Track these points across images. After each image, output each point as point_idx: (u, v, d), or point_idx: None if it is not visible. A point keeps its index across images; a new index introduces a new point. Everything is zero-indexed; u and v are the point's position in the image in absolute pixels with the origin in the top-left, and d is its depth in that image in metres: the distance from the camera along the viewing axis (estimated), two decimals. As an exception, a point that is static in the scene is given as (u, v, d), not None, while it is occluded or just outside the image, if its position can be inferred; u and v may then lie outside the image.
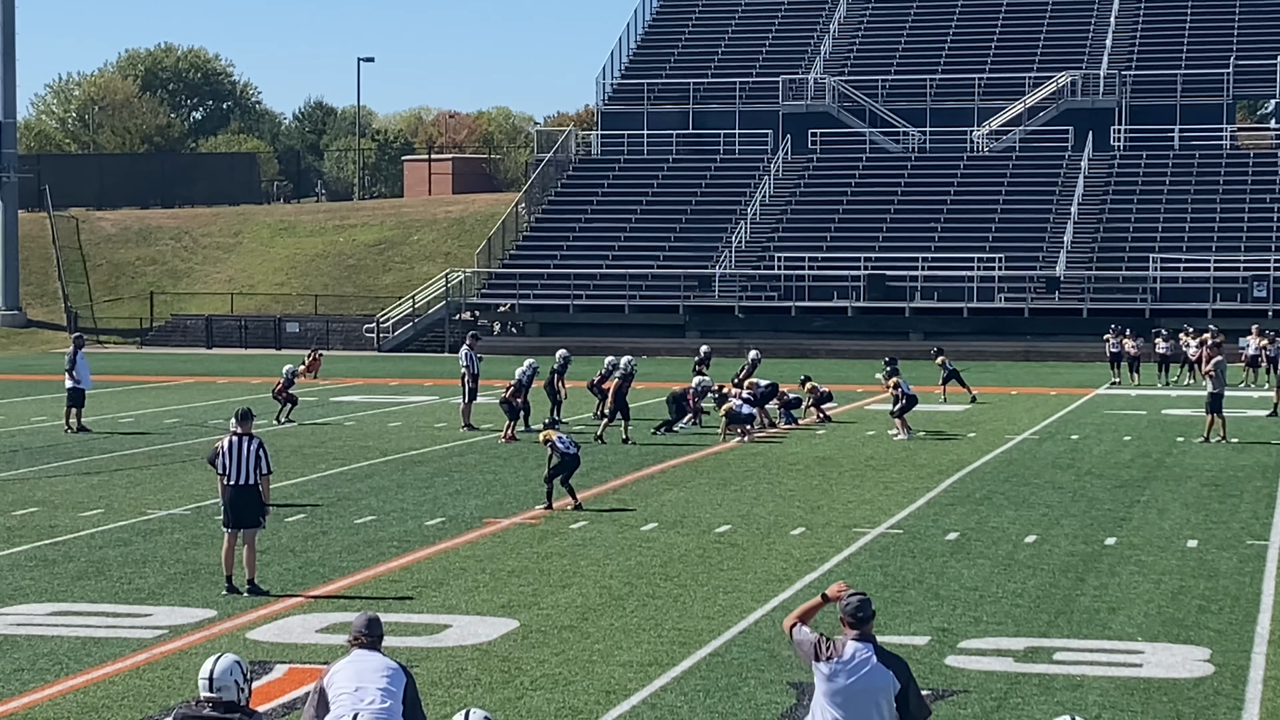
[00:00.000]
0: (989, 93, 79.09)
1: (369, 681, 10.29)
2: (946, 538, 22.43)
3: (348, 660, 10.51)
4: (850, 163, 77.01)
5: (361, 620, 10.71)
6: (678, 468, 30.27)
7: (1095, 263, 67.40)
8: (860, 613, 10.09)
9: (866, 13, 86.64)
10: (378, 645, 10.60)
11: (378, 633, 10.64)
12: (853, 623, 10.09)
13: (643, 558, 20.97)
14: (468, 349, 38.58)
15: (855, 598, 10.17)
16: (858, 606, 10.12)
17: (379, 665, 10.41)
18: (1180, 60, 78.92)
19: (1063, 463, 30.85)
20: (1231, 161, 73.73)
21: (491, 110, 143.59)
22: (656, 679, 15.10)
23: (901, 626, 17.08)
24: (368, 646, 10.56)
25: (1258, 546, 21.77)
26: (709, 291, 69.15)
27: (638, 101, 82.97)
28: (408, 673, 10.48)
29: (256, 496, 18.92)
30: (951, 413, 40.14)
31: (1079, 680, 15.02)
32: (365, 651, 10.54)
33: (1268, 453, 32.54)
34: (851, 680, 9.92)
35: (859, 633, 10.06)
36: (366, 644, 10.57)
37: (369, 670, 10.37)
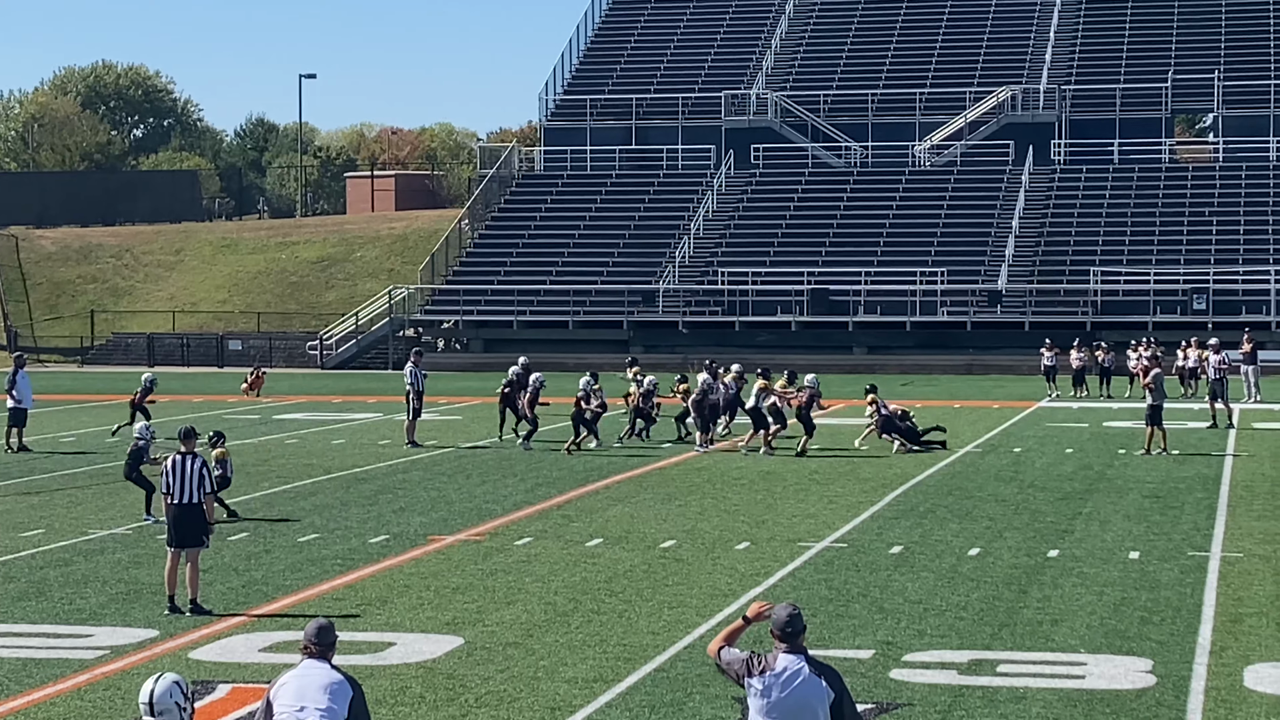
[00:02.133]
0: (930, 107, 79.46)
1: (311, 699, 10.18)
2: (890, 551, 22.49)
3: (294, 673, 10.37)
4: (793, 178, 77.23)
5: (312, 628, 10.51)
6: (622, 483, 30.27)
7: (1037, 276, 67.76)
8: (790, 626, 10.02)
9: (808, 28, 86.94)
10: (328, 654, 10.44)
11: (328, 640, 10.46)
12: (783, 636, 10.02)
13: (588, 573, 20.95)
14: (412, 366, 38.46)
15: (785, 611, 10.08)
16: (788, 620, 10.03)
17: (324, 680, 10.25)
18: (1119, 74, 79.46)
19: (1005, 475, 30.97)
20: (1170, 175, 74.26)
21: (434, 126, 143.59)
22: (601, 695, 15.07)
23: (846, 640, 17.11)
24: (318, 656, 10.40)
25: (1199, 558, 21.90)
26: (653, 307, 69.21)
27: (580, 118, 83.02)
28: (355, 686, 10.35)
29: (200, 515, 18.82)
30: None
31: (1022, 692, 15.07)
32: (313, 663, 10.37)
33: (1208, 464, 32.76)
34: (785, 694, 9.89)
35: (790, 645, 9.98)
36: (316, 653, 10.40)
37: (313, 686, 10.23)
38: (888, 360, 64.53)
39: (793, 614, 10.09)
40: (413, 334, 72.89)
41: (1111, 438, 38.06)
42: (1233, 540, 23.30)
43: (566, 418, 37.02)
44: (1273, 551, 22.31)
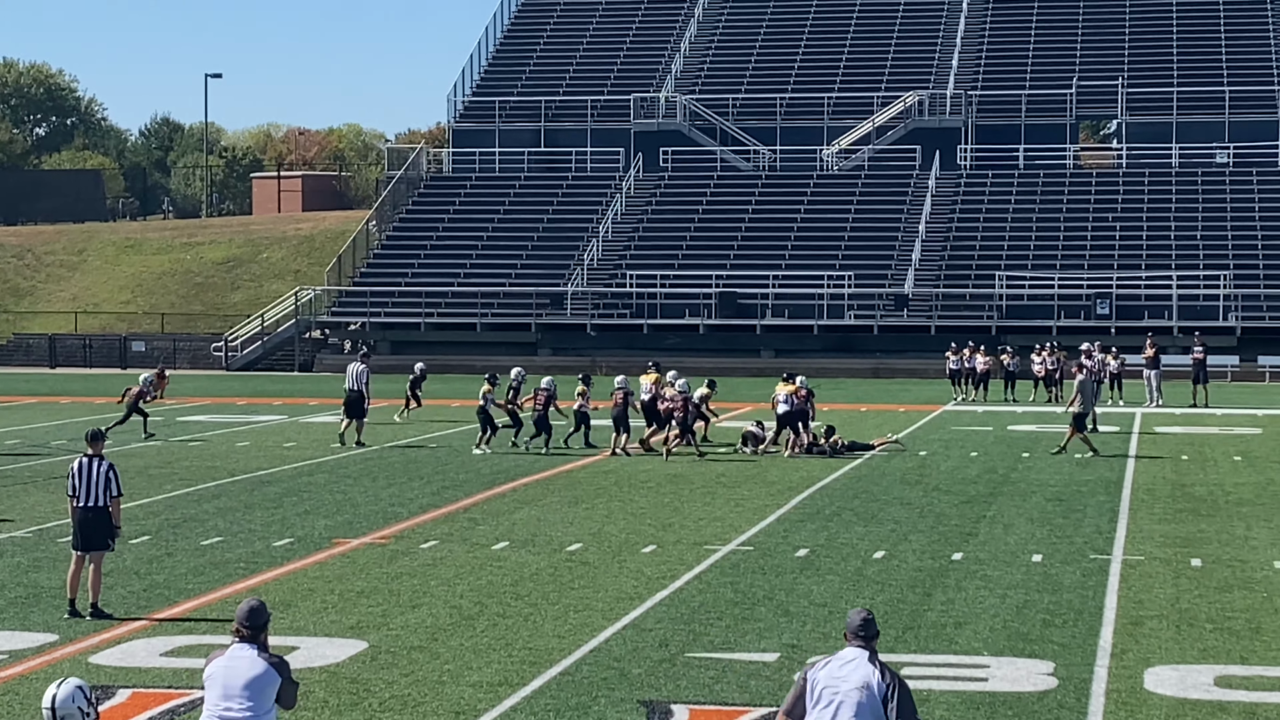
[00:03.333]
0: (838, 111, 79.82)
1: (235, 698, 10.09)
2: (796, 554, 22.55)
3: (222, 662, 10.26)
4: (701, 181, 77.38)
5: (243, 609, 10.38)
6: (529, 486, 30.21)
7: (943, 280, 68.19)
8: (864, 630, 10.21)
9: (717, 32, 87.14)
10: (259, 637, 10.34)
11: (259, 622, 10.32)
12: (854, 637, 10.22)
13: (493, 577, 20.88)
14: (361, 366, 38.67)
15: (859, 616, 10.28)
16: (861, 624, 10.22)
17: (249, 673, 10.13)
18: (1025, 81, 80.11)
19: (911, 479, 31.13)
20: (1075, 180, 74.92)
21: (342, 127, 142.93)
22: (506, 699, 15.03)
23: (751, 643, 17.13)
24: (248, 640, 10.30)
25: (1100, 560, 22.09)
26: (561, 309, 69.17)
27: (489, 119, 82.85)
28: (283, 670, 10.26)
29: (106, 519, 18.61)
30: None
31: (925, 695, 15.13)
32: (241, 649, 10.25)
33: (1110, 468, 33.05)
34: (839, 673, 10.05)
35: (860, 645, 10.16)
36: (247, 636, 10.30)
37: (238, 680, 10.12)
38: (795, 364, 64.47)
39: (866, 618, 10.26)
40: (319, 335, 72.52)
41: (1016, 441, 38.34)
42: (1134, 543, 23.51)
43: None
44: (1173, 555, 22.54)
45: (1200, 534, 24.39)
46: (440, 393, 54.68)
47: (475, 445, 36.13)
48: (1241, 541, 23.76)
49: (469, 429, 41.38)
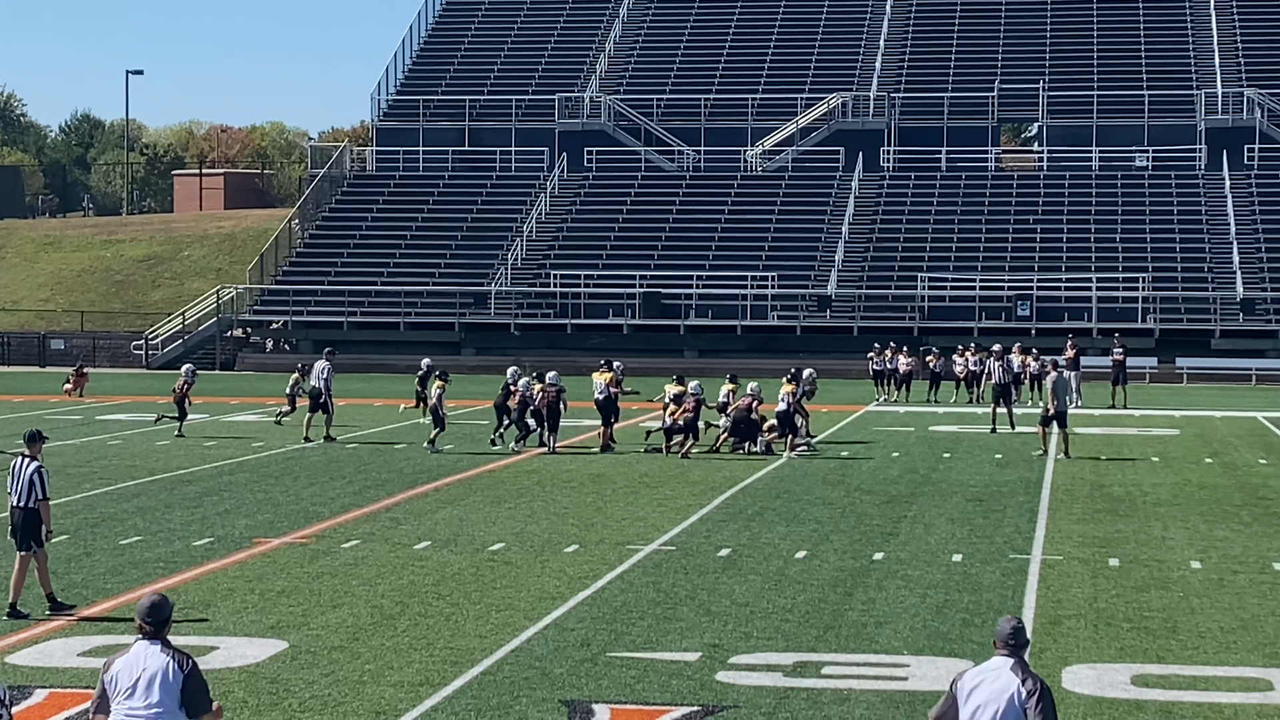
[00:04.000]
0: (762, 113, 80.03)
1: (139, 698, 9.98)
2: (719, 554, 22.59)
3: (124, 662, 10.12)
4: (626, 181, 77.43)
5: (144, 605, 10.22)
6: (451, 485, 30.15)
7: (865, 281, 68.49)
8: (1014, 639, 10.22)
9: (642, 32, 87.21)
10: (162, 632, 10.21)
11: (161, 618, 10.17)
12: (1004, 646, 10.22)
13: (415, 576, 20.82)
14: (325, 364, 38.55)
15: (1009, 624, 10.28)
16: (1011, 633, 10.23)
17: (153, 671, 9.99)
18: (947, 83, 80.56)
19: (833, 479, 31.25)
20: (996, 183, 75.41)
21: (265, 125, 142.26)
22: (428, 699, 14.99)
23: (673, 643, 17.15)
24: (151, 636, 10.17)
25: (1020, 560, 22.23)
26: (485, 309, 69.07)
27: (414, 118, 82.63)
28: (187, 666, 10.13)
29: (36, 519, 18.55)
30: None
31: (846, 694, 15.20)
32: (144, 646, 10.11)
33: (1030, 468, 33.28)
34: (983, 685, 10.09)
35: (1008, 653, 10.18)
36: (150, 633, 10.18)
37: (142, 679, 9.98)
38: (718, 364, 64.76)
39: (1015, 627, 10.29)
40: (241, 334, 72.14)
41: (937, 441, 38.54)
42: (1053, 543, 23.68)
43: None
44: (1091, 555, 22.71)
45: (1118, 534, 24.60)
46: (362, 392, 54.55)
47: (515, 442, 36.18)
48: (1158, 541, 23.97)
49: (391, 429, 41.30)
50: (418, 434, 39.18)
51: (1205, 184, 73.62)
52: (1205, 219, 71.14)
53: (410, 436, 39.03)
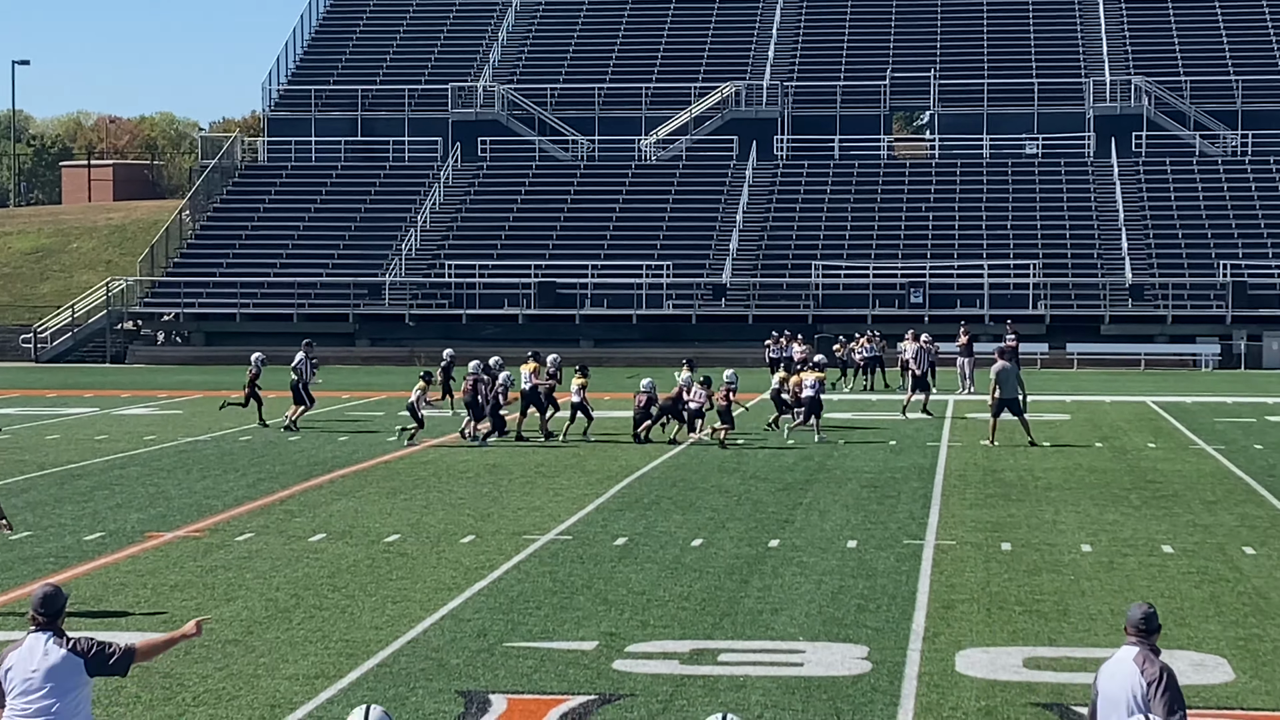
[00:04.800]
0: (656, 102, 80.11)
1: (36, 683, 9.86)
2: (615, 543, 22.62)
3: (18, 655, 9.97)
4: (520, 171, 77.31)
5: (37, 595, 10.07)
6: (347, 477, 30.01)
7: (760, 269, 68.73)
8: (1145, 624, 10.18)
9: (535, 22, 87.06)
10: (55, 623, 10.08)
11: (55, 608, 10.02)
12: (1135, 633, 10.19)
13: (310, 569, 20.72)
14: (303, 355, 38.75)
15: (1140, 610, 10.24)
16: (1142, 619, 10.20)
17: (47, 659, 9.85)
18: (839, 72, 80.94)
19: (728, 467, 31.35)
20: (889, 171, 75.86)
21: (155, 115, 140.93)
22: (323, 691, 14.92)
23: (570, 632, 17.16)
24: (44, 627, 10.03)
25: (914, 546, 22.40)
26: (379, 299, 68.77)
27: (305, 108, 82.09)
28: (83, 653, 9.98)
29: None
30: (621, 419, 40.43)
31: (742, 681, 15.26)
32: (37, 639, 9.97)
33: (924, 454, 33.53)
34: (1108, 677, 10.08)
35: (1138, 641, 10.15)
36: (43, 624, 10.04)
37: (36, 666, 9.86)
38: (614, 353, 64.92)
39: (1147, 613, 10.23)
40: (132, 326, 71.45)
41: (832, 429, 38.71)
42: (946, 528, 23.88)
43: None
44: (984, 539, 22.92)
45: (1010, 518, 24.83)
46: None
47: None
48: (1050, 525, 24.22)
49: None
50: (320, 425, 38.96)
51: (1094, 171, 74.40)
52: (1094, 206, 71.90)
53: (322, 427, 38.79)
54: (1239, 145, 75.57)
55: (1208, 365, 63.44)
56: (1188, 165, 74.14)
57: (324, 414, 42.53)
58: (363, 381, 54.79)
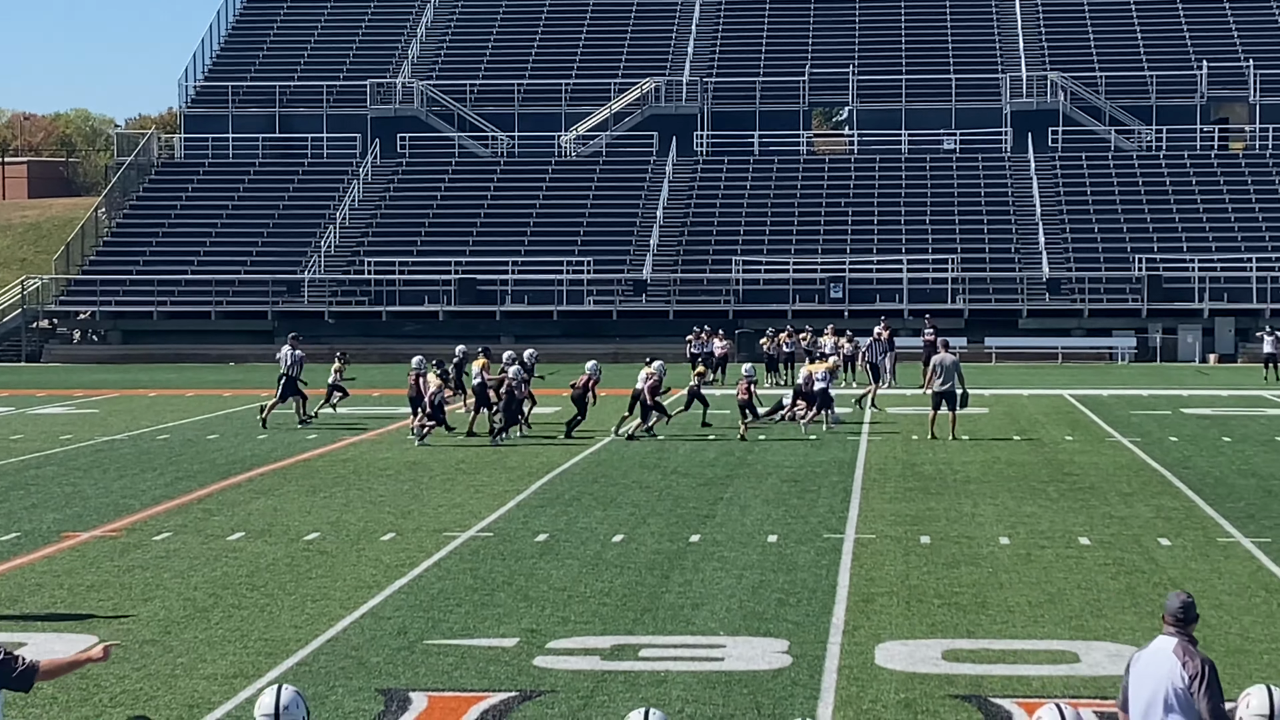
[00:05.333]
0: (576, 98, 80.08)
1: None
2: (536, 539, 22.60)
3: None
4: (440, 167, 77.10)
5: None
6: (266, 475, 29.85)
7: (680, 265, 68.82)
8: (1182, 614, 10.05)
9: (454, 17, 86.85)
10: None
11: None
12: (1173, 622, 10.07)
13: (229, 568, 20.60)
14: (289, 349, 38.91)
15: (1178, 600, 10.10)
16: (1180, 608, 10.07)
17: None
18: (759, 68, 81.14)
19: (650, 462, 31.37)
20: (808, 166, 76.11)
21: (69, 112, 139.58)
22: (242, 690, 14.84)
23: (491, 629, 17.13)
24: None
25: (834, 540, 22.48)
26: (298, 297, 68.43)
27: (222, 105, 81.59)
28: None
29: None
30: (539, 414, 40.39)
31: (663, 676, 15.28)
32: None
33: (844, 448, 33.65)
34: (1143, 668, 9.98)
35: (1176, 631, 10.03)
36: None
37: None
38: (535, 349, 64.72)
39: (1185, 602, 10.10)
40: (47, 325, 70.82)
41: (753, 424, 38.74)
42: (866, 522, 23.98)
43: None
44: (903, 533, 23.03)
45: (929, 512, 24.96)
46: (173, 382, 53.82)
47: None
48: (968, 518, 24.36)
49: (202, 419, 40.79)
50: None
51: (1011, 166, 74.90)
52: (1011, 201, 72.38)
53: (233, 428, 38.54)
54: (1154, 140, 76.26)
55: (1123, 358, 63.99)
56: (1103, 160, 74.76)
57: (242, 412, 42.31)
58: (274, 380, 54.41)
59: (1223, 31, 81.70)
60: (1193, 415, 40.65)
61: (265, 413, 38.34)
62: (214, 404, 44.97)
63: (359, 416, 41.07)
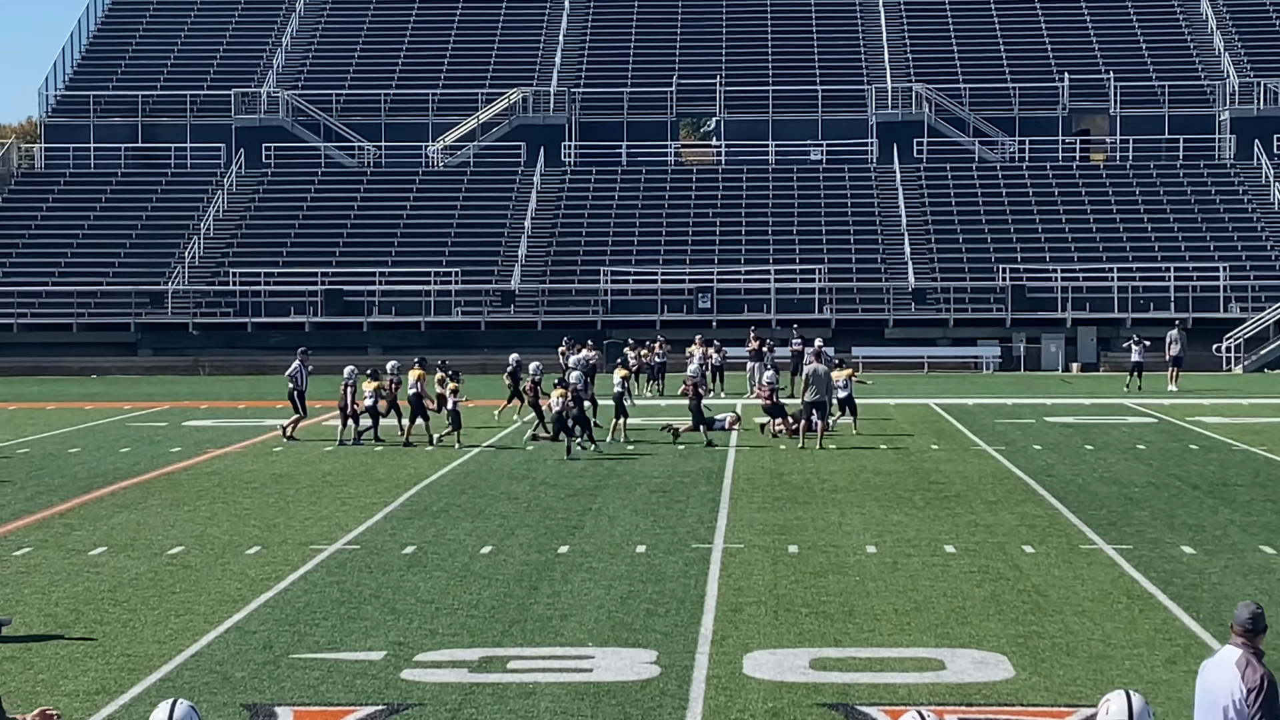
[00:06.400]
0: (443, 108, 79.84)
1: None
2: (403, 551, 22.47)
3: None
4: (306, 177, 76.56)
5: None
6: (129, 489, 29.47)
7: (549, 276, 68.77)
8: (1251, 624, 9.96)
9: (319, 27, 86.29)
10: None
11: None
12: (1241, 633, 9.96)
13: (90, 583, 20.31)
14: (299, 365, 38.46)
15: (1247, 610, 9.97)
16: (1249, 619, 9.96)
17: None
18: (626, 78, 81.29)
19: (518, 474, 31.30)
20: (676, 177, 76.32)
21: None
22: (104, 707, 14.64)
23: (358, 642, 17.01)
24: None
25: (702, 550, 22.53)
26: (162, 308, 67.66)
27: (84, 114, 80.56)
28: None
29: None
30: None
31: (531, 688, 15.24)
32: None
33: (711, 458, 33.74)
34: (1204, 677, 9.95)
35: (1244, 642, 9.93)
36: None
37: None
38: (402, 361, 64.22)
39: (1254, 613, 9.99)
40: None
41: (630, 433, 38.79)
42: (734, 532, 24.05)
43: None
44: (771, 542, 23.12)
45: (797, 521, 25.08)
46: (35, 395, 53.05)
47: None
48: (836, 527, 24.50)
49: (63, 433, 40.21)
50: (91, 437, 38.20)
51: (877, 177, 75.52)
52: (878, 211, 72.97)
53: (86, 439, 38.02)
54: (1017, 152, 77.18)
55: (988, 367, 64.69)
56: (967, 171, 75.56)
57: (105, 425, 41.76)
58: (145, 391, 53.87)
59: (1084, 44, 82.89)
60: (1056, 424, 41.15)
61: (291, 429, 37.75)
62: (75, 417, 44.33)
63: (223, 429, 40.66)
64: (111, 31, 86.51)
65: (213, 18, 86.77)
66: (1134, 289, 66.47)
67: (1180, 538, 23.43)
